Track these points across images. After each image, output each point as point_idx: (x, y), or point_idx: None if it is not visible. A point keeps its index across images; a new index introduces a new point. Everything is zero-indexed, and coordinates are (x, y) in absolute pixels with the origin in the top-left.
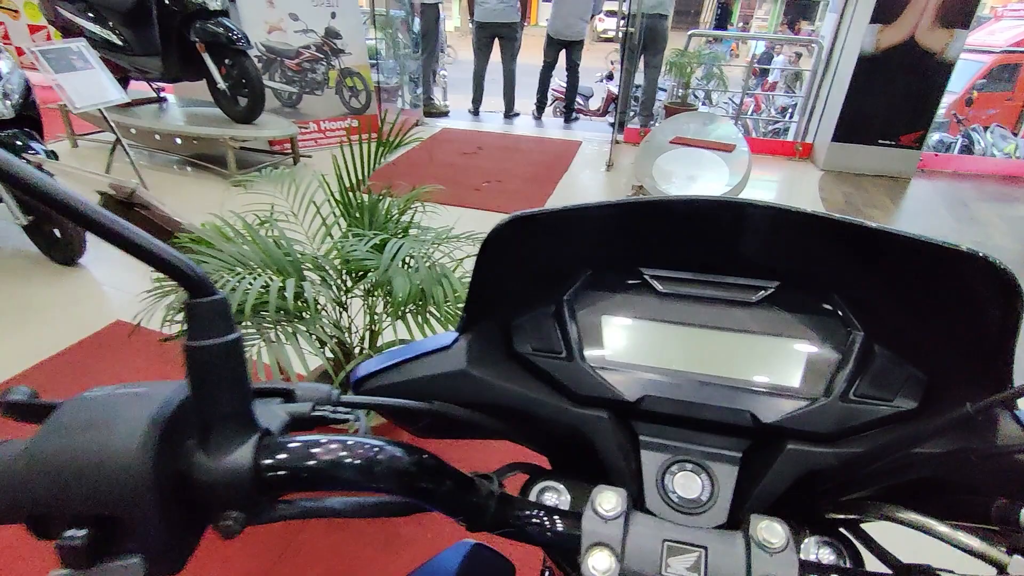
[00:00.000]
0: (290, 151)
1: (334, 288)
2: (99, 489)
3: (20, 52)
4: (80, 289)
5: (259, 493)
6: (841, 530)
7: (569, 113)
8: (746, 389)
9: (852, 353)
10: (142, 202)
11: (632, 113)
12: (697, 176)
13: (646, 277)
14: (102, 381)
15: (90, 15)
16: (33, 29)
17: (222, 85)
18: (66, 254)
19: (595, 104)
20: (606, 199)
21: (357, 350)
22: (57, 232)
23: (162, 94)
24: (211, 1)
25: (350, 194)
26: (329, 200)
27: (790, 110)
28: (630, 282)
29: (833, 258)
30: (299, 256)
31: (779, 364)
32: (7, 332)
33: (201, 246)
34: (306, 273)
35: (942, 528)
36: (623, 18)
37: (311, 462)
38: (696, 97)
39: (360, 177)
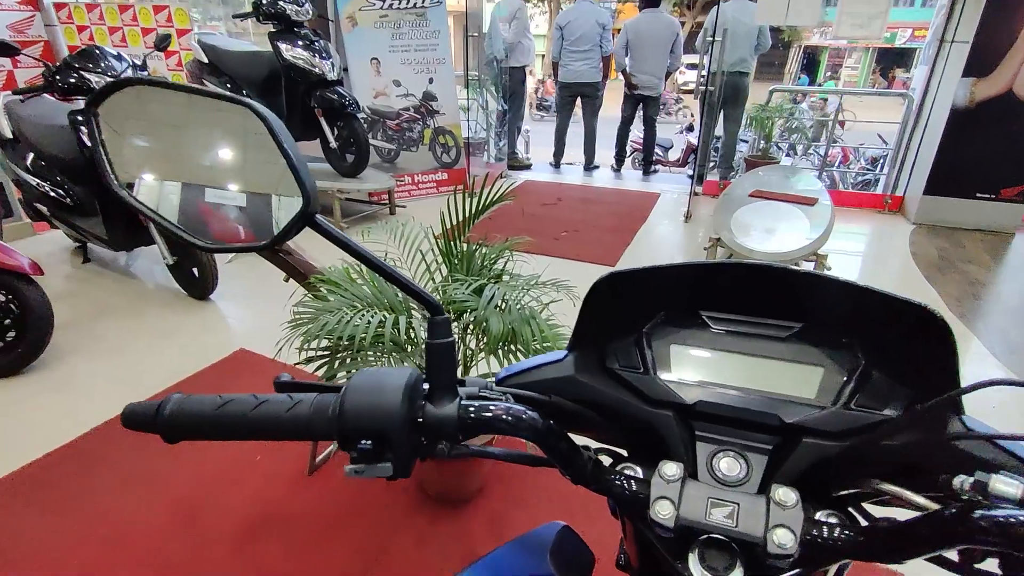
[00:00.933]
0: (387, 202)
1: None
2: (376, 421)
3: None
4: (211, 320)
5: (458, 431)
6: (849, 509)
7: (648, 166)
8: (775, 398)
9: (854, 375)
10: (287, 249)
11: (712, 165)
12: (776, 229)
13: (704, 318)
14: (237, 389)
15: (228, 86)
16: None
17: (333, 144)
18: (201, 290)
19: (674, 155)
20: (677, 261)
21: None
22: (195, 271)
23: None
24: (329, 73)
25: (452, 243)
26: (433, 248)
27: (881, 161)
28: (692, 321)
29: (839, 305)
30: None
31: (800, 382)
32: (153, 352)
33: (330, 285)
34: (414, 312)
35: (908, 494)
36: (703, 76)
37: (487, 414)
38: (779, 148)
39: (464, 229)
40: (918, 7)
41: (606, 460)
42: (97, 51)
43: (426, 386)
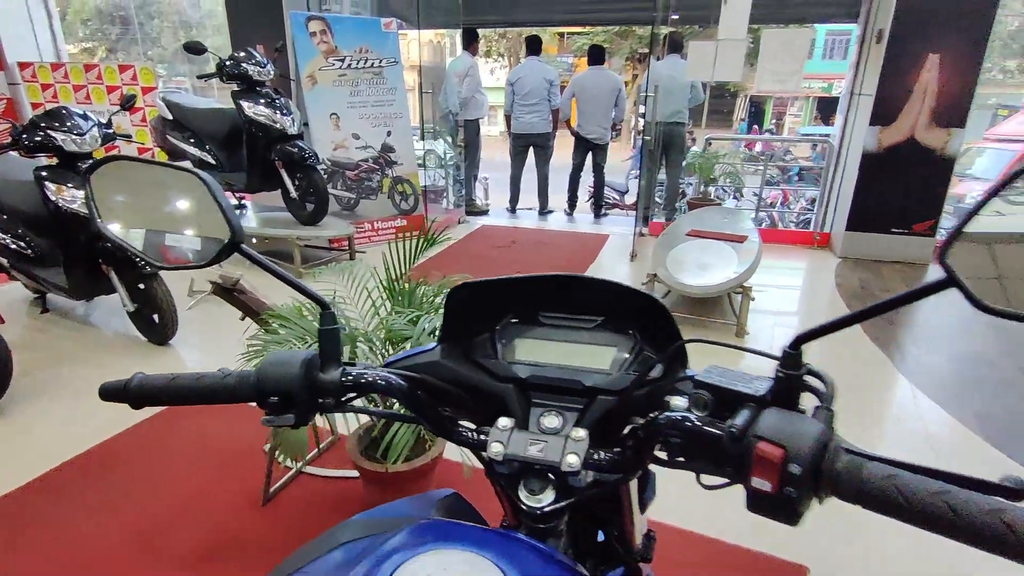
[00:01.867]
0: (347, 247)
1: (379, 355)
2: (282, 383)
3: None
4: (171, 361)
5: (342, 390)
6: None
7: (598, 209)
8: (582, 371)
9: (632, 351)
10: (242, 288)
11: (658, 209)
12: (708, 265)
13: (539, 317)
14: (192, 422)
15: (191, 140)
16: (141, 150)
17: (294, 194)
18: (161, 336)
19: (630, 199)
20: (516, 275)
21: None
22: (156, 317)
23: (243, 202)
24: (290, 128)
25: (395, 283)
26: (378, 287)
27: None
28: (531, 318)
29: (617, 301)
30: (355, 330)
31: (599, 358)
32: None
33: (280, 320)
34: (359, 344)
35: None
36: (640, 128)
37: (364, 380)
38: (725, 191)
39: (404, 269)
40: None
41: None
42: (63, 111)
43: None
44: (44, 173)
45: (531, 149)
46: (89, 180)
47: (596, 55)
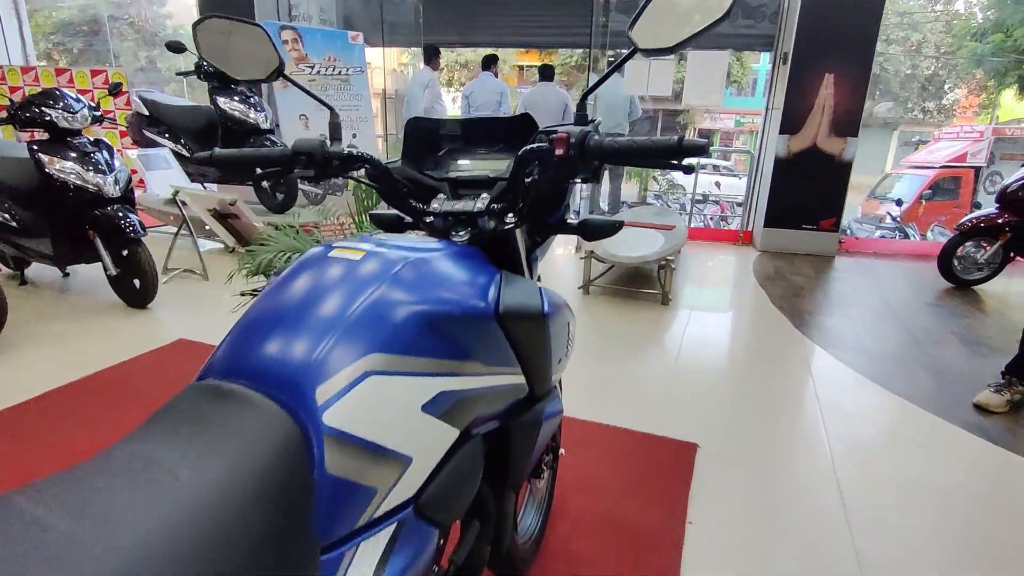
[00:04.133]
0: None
1: None
2: (307, 148)
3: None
4: (150, 321)
5: (345, 159)
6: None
7: None
8: (491, 172)
9: (515, 157)
10: (238, 211)
11: (602, 213)
12: (638, 244)
13: (464, 145)
14: (175, 371)
15: (166, 135)
16: (123, 134)
17: (266, 185)
18: (141, 300)
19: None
20: (451, 117)
21: None
22: (137, 282)
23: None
24: (263, 123)
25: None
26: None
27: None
28: (462, 145)
29: (508, 132)
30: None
31: (500, 164)
32: (94, 343)
33: (267, 239)
34: None
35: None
36: None
37: (358, 155)
38: (668, 207)
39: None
40: None
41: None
42: (57, 92)
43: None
44: (37, 147)
45: None
46: (196, 30)
47: (546, 73)
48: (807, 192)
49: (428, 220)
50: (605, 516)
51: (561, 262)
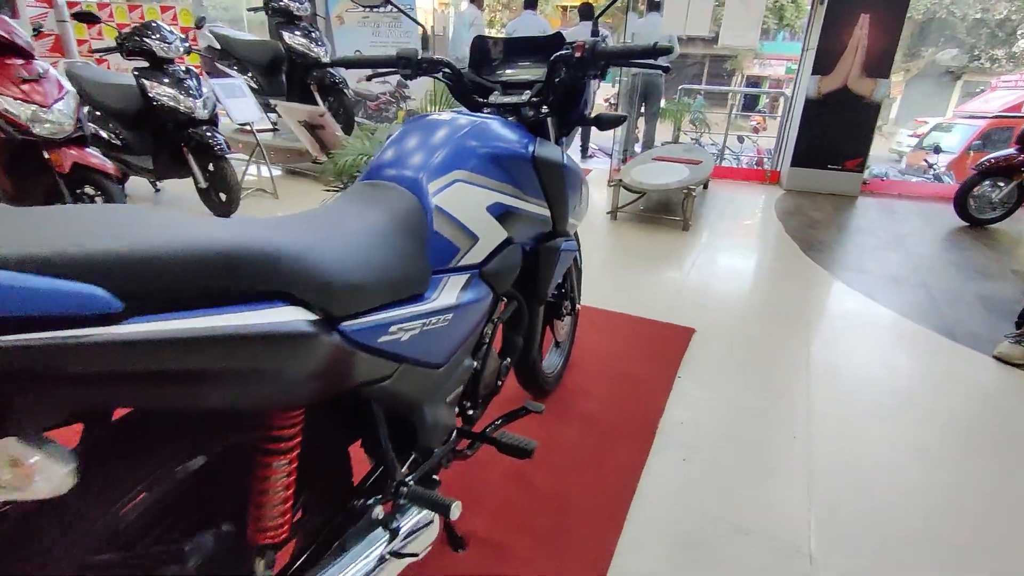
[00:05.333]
0: None
1: None
2: (407, 53)
3: None
4: None
5: (432, 60)
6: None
7: (584, 150)
8: (532, 77)
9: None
10: (324, 123)
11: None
12: (663, 174)
13: (512, 56)
14: None
15: (235, 68)
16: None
17: (323, 111)
18: (226, 211)
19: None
20: (503, 36)
21: None
22: (223, 195)
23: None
24: (323, 57)
25: None
26: None
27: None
28: (507, 57)
29: (554, 47)
30: None
31: (539, 71)
32: None
33: (346, 144)
34: None
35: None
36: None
37: (441, 60)
38: (701, 146)
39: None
40: None
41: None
42: (155, 24)
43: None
44: (139, 72)
45: None
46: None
47: (530, 3)
48: (835, 132)
49: (486, 111)
50: (614, 370)
51: (592, 193)
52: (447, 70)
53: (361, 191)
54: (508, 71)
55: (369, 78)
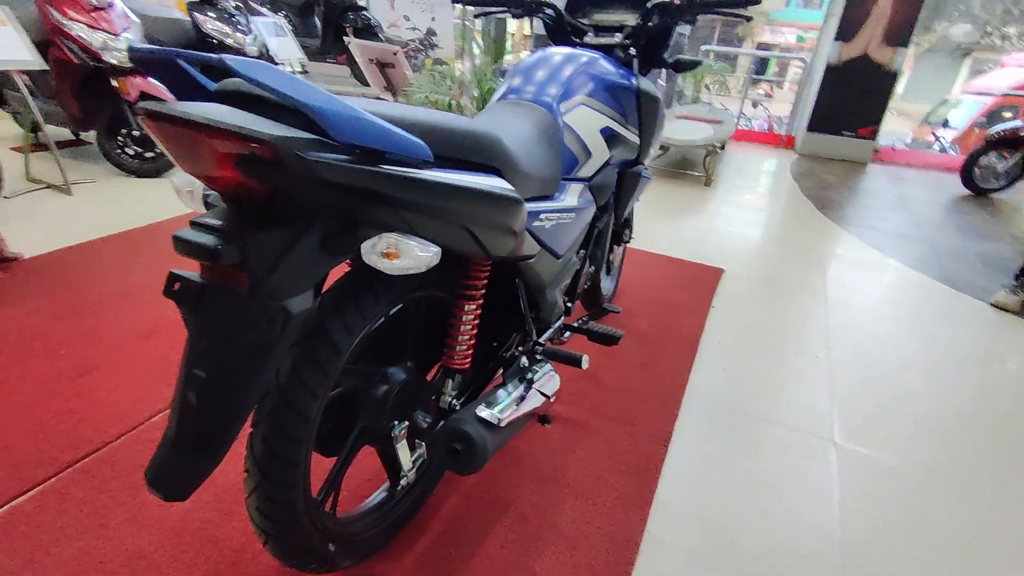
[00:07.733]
0: None
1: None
2: None
3: None
4: None
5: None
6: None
7: None
8: (622, 21)
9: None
10: (395, 63)
11: None
12: (684, 131)
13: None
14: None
15: (268, 7)
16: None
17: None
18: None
19: None
20: None
21: None
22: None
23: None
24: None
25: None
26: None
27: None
28: (596, 5)
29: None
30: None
31: (629, 16)
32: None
33: (414, 85)
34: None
35: None
36: None
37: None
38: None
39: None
40: None
41: None
42: None
43: None
44: (193, 7)
45: None
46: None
47: None
48: (851, 99)
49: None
50: (657, 298)
51: None
52: (550, 11)
53: (505, 107)
54: (601, 15)
55: (476, 16)
